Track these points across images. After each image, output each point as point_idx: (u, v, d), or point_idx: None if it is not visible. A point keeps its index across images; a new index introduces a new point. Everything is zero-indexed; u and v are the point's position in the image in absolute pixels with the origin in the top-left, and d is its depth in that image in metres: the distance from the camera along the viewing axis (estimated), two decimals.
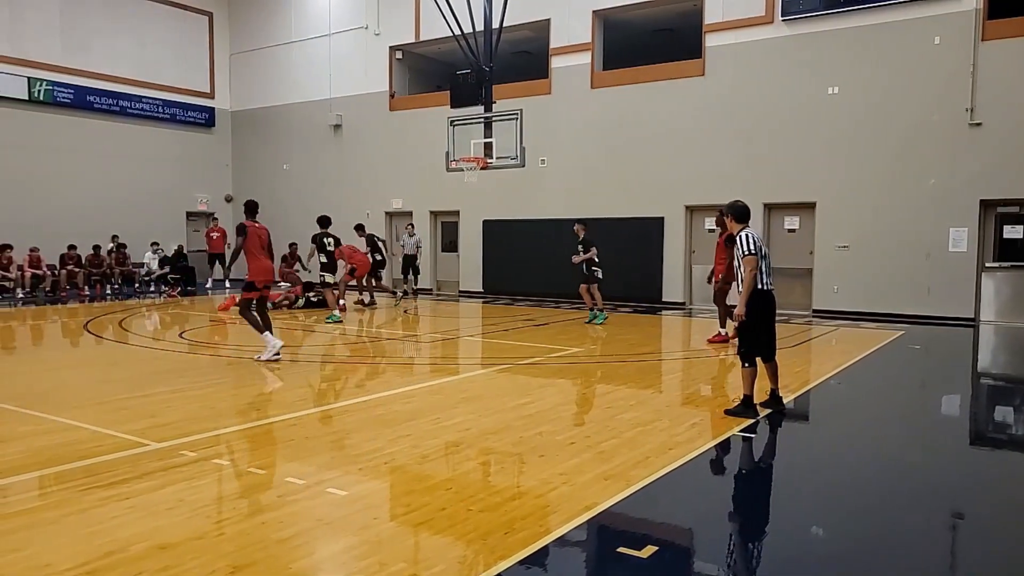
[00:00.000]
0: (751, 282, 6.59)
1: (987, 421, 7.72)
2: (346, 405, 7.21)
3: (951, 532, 4.57)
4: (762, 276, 6.65)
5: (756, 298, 6.66)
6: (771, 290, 6.74)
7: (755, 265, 6.57)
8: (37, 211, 20.21)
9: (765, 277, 6.69)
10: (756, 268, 6.57)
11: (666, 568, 3.91)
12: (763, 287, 6.67)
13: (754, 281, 6.59)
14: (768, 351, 6.88)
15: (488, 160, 14.96)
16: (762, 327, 6.75)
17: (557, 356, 10.22)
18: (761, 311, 6.71)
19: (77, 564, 3.63)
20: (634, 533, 4.35)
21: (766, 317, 6.77)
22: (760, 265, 6.62)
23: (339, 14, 22.48)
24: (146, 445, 5.69)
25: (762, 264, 6.65)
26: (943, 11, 14.28)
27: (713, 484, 5.44)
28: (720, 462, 5.77)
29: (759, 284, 6.63)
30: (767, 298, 6.73)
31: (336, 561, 3.84)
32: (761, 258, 6.64)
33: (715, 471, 5.64)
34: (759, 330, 6.74)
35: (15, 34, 20.18)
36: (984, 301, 14.39)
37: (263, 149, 24.64)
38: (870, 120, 15.03)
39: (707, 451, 5.81)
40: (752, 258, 6.58)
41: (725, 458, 5.85)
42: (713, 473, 5.61)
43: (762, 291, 6.67)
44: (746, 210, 6.97)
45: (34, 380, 8.59)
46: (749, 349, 6.74)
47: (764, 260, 6.69)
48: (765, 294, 6.70)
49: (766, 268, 6.71)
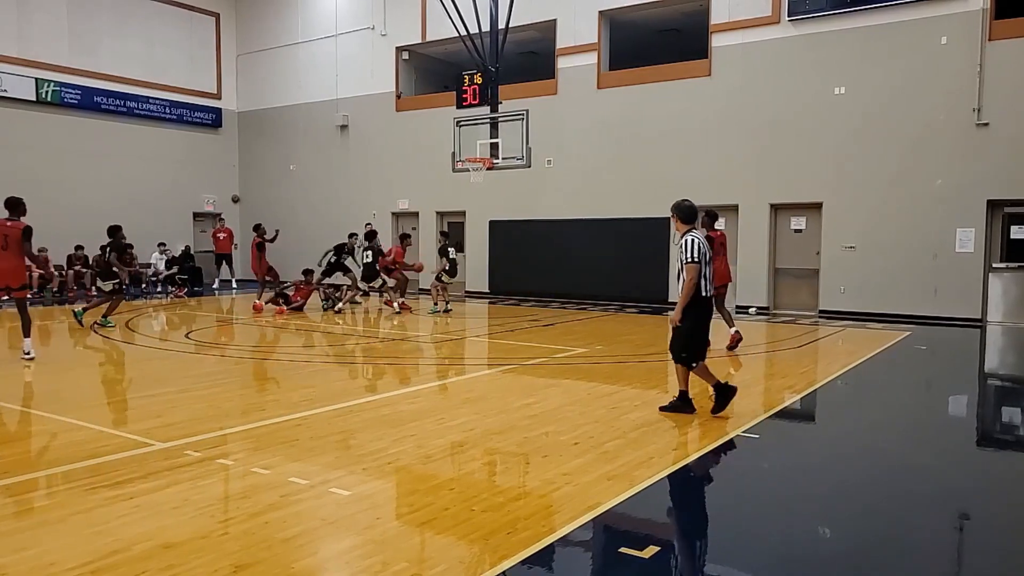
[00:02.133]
0: (691, 290, 6.53)
1: (994, 422, 7.69)
2: (351, 405, 7.23)
3: (958, 533, 4.55)
4: (705, 283, 6.60)
5: (700, 304, 6.63)
6: (711, 296, 6.72)
7: (697, 273, 6.52)
8: (44, 212, 20.14)
9: (707, 284, 6.63)
10: (698, 276, 6.52)
11: (668, 568, 3.91)
12: (705, 294, 6.62)
13: (696, 288, 6.54)
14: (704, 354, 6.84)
15: (494, 160, 14.97)
16: (702, 332, 6.75)
17: (562, 356, 10.22)
18: (702, 317, 6.71)
19: (82, 563, 3.64)
20: (637, 533, 4.35)
21: (704, 322, 6.77)
22: (705, 272, 6.58)
23: (345, 15, 22.53)
24: (151, 445, 5.71)
25: (706, 271, 6.60)
26: (950, 11, 14.23)
27: (717, 485, 5.44)
28: (724, 463, 5.76)
29: (703, 291, 6.59)
30: (708, 304, 6.73)
31: (339, 561, 3.85)
32: (705, 264, 6.59)
33: (719, 472, 5.63)
34: (700, 335, 6.73)
35: (23, 35, 20.27)
36: (991, 302, 14.32)
37: (270, 150, 24.70)
38: (877, 120, 14.98)
39: (711, 452, 5.81)
40: (694, 266, 6.52)
41: (729, 459, 5.84)
42: (717, 474, 5.60)
43: (705, 297, 6.64)
44: (693, 210, 6.79)
45: (41, 380, 8.64)
46: (692, 353, 6.70)
47: (708, 267, 6.64)
48: (707, 300, 6.69)
49: (708, 275, 6.64)
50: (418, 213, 21.46)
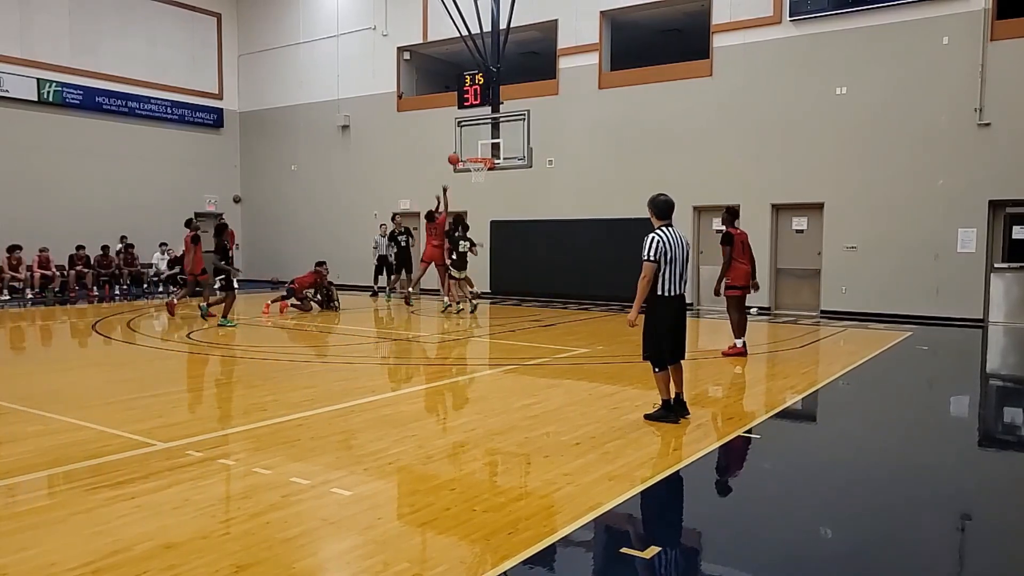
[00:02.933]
0: (644, 289, 6.36)
1: (996, 423, 7.68)
2: (352, 405, 7.23)
3: (960, 535, 4.54)
4: (667, 283, 6.38)
5: (660, 304, 6.44)
6: (679, 295, 6.48)
7: (651, 271, 6.32)
8: (46, 212, 20.31)
9: (671, 284, 6.40)
10: (652, 276, 6.33)
11: (670, 569, 3.90)
12: (667, 293, 6.41)
13: (650, 288, 6.37)
14: (672, 356, 6.56)
15: (496, 161, 14.96)
16: (666, 333, 6.46)
17: (564, 357, 10.22)
18: (664, 317, 6.45)
19: (83, 563, 3.65)
20: (638, 534, 4.35)
21: (670, 323, 6.48)
22: (664, 272, 6.35)
23: (347, 15, 22.54)
24: (153, 445, 5.72)
25: (667, 270, 6.36)
26: (952, 11, 14.22)
27: (718, 485, 5.44)
28: (725, 463, 5.76)
29: (660, 290, 6.38)
30: (673, 304, 6.47)
31: (340, 561, 3.85)
32: (667, 263, 6.34)
33: (720, 472, 5.63)
34: (662, 336, 6.46)
35: (25, 36, 20.29)
36: (993, 302, 14.31)
37: (271, 150, 24.71)
38: (878, 121, 14.97)
39: (712, 452, 5.80)
40: (649, 265, 6.31)
41: (730, 459, 5.84)
42: (718, 474, 5.60)
43: (667, 297, 6.42)
44: (669, 205, 6.53)
45: (42, 380, 8.64)
46: (652, 355, 6.51)
47: (671, 266, 6.36)
48: (670, 300, 6.44)
49: (672, 274, 6.39)
50: (419, 213, 21.43)
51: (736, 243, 10.07)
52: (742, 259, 10.15)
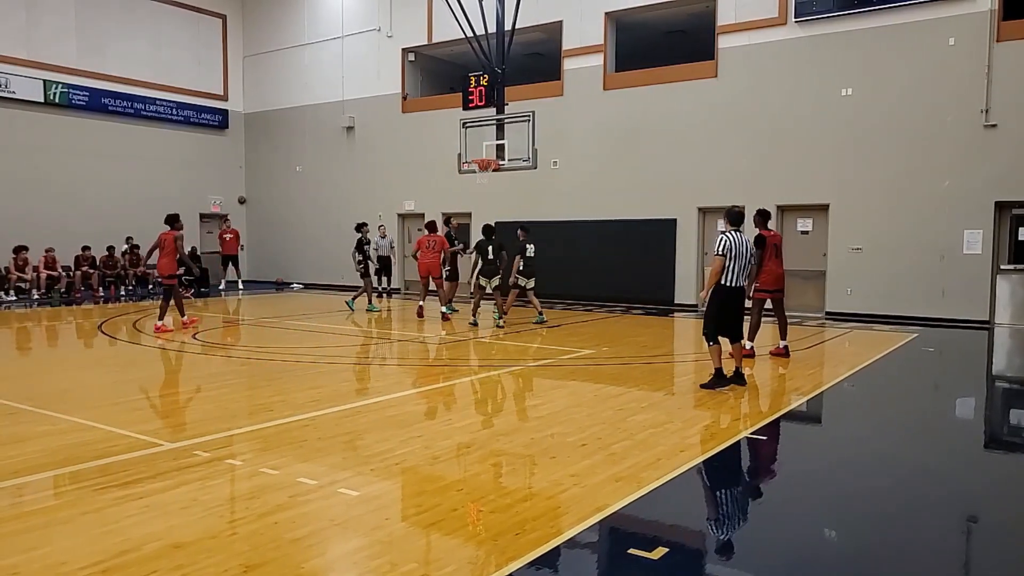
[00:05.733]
0: (713, 279, 7.76)
1: (1002, 425, 7.66)
2: (359, 406, 7.24)
3: (966, 537, 4.54)
4: (731, 275, 7.75)
5: (723, 292, 7.78)
6: (740, 287, 7.88)
7: (720, 265, 7.70)
8: (52, 213, 20.37)
9: (734, 276, 7.77)
10: (720, 268, 7.71)
11: (677, 570, 3.90)
12: (730, 284, 7.77)
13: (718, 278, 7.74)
14: (730, 334, 7.94)
15: (500, 162, 14.97)
16: (723, 315, 7.84)
17: (569, 358, 10.22)
18: (724, 302, 7.81)
19: (92, 563, 3.66)
20: (645, 535, 4.35)
21: (729, 307, 7.85)
22: (730, 266, 7.72)
23: (352, 16, 22.57)
24: (160, 445, 5.74)
25: (732, 265, 7.73)
26: (958, 12, 14.19)
27: (724, 486, 5.43)
28: (732, 465, 5.75)
29: (724, 281, 7.74)
30: (733, 293, 7.83)
31: (348, 561, 3.86)
32: (732, 259, 7.71)
33: (727, 473, 5.63)
34: (720, 319, 7.86)
35: (31, 37, 20.36)
36: (999, 303, 14.27)
37: (276, 151, 24.75)
38: (884, 121, 14.94)
39: (719, 453, 5.80)
40: (718, 259, 7.73)
41: (737, 461, 5.83)
42: (725, 475, 5.59)
43: (729, 287, 7.78)
44: (739, 215, 8.02)
45: (49, 380, 8.67)
46: (709, 331, 7.87)
47: (735, 262, 7.74)
48: (731, 289, 7.81)
49: (735, 269, 7.76)
50: (424, 214, 21.46)
51: (768, 245, 9.86)
52: (773, 262, 9.95)
